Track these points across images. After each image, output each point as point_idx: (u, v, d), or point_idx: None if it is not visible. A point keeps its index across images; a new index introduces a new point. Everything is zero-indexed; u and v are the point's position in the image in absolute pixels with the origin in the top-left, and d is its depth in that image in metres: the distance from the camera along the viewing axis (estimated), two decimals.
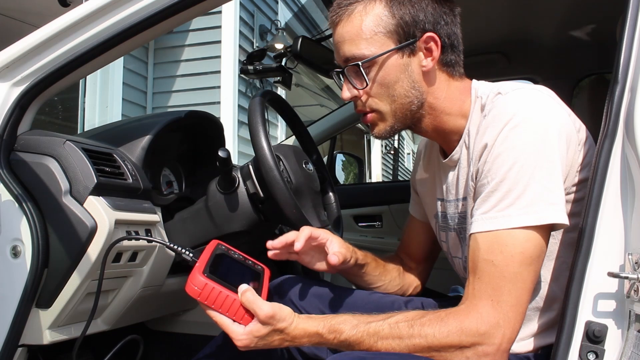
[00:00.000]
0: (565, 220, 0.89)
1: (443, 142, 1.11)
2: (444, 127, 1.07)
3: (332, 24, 1.05)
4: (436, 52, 1.01)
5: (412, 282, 1.31)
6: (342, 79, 1.07)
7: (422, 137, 1.28)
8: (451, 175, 1.09)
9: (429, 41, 1.01)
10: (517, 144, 0.90)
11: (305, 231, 1.06)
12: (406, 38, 1.00)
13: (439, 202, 1.17)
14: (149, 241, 1.19)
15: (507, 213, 0.89)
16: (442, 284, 1.72)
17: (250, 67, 2.31)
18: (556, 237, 0.98)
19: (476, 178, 0.97)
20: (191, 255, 0.98)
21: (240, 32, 4.86)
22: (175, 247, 1.02)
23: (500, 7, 1.90)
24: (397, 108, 1.04)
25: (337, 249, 1.08)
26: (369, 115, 1.06)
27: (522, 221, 0.88)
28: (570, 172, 0.96)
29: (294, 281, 1.22)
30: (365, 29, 1.00)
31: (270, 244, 1.06)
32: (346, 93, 1.06)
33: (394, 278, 1.26)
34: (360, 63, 1.01)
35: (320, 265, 1.14)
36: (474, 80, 1.09)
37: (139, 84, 4.70)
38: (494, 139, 0.93)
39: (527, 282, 0.89)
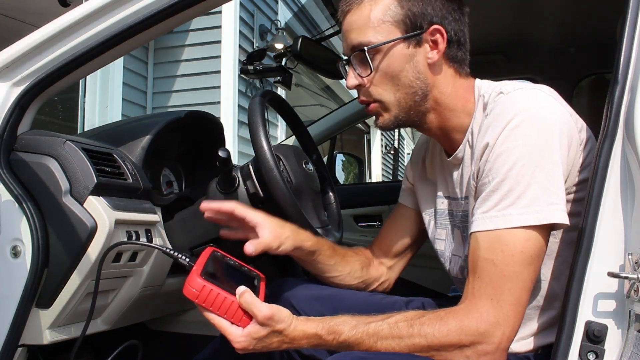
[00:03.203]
0: (565, 220, 0.90)
1: (446, 140, 1.11)
2: (447, 124, 1.07)
3: (342, 13, 1.07)
4: (442, 45, 1.02)
5: (378, 277, 1.27)
6: (347, 69, 1.08)
7: (423, 135, 1.28)
8: (456, 174, 1.10)
9: (435, 33, 1.02)
10: (518, 144, 0.91)
11: (226, 205, 1.09)
12: (413, 29, 1.02)
13: (443, 200, 1.16)
14: (143, 245, 1.19)
15: (508, 212, 0.89)
16: (442, 284, 1.72)
17: (250, 67, 2.31)
18: (556, 236, 0.98)
19: (477, 177, 0.98)
20: (187, 260, 0.98)
21: (240, 32, 4.86)
22: (171, 252, 1.02)
23: (501, 7, 1.90)
24: (401, 97, 1.04)
25: (265, 235, 1.05)
26: (372, 105, 1.07)
27: (522, 221, 0.88)
28: (572, 172, 0.96)
29: (293, 283, 1.22)
30: (373, 18, 1.02)
31: (204, 205, 1.11)
32: (351, 81, 1.06)
33: (354, 271, 1.23)
34: (366, 49, 1.02)
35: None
36: (477, 79, 1.09)
37: (139, 84, 4.70)
38: (495, 138, 0.93)
39: (527, 282, 0.89)
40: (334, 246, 1.21)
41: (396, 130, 8.03)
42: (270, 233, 1.06)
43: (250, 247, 1.02)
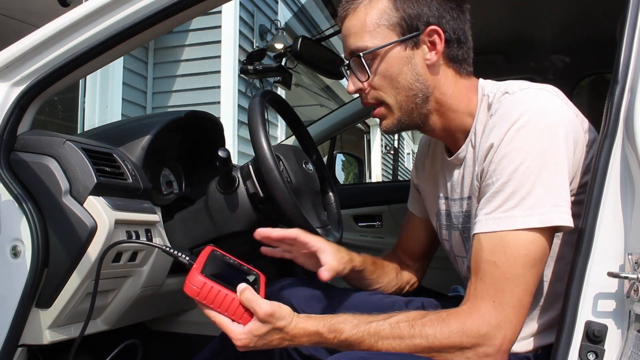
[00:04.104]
0: (570, 222, 0.89)
1: (449, 140, 1.11)
2: (450, 124, 1.07)
3: (340, 19, 1.08)
4: (440, 46, 1.02)
5: (409, 279, 1.31)
6: (348, 73, 1.08)
7: (424, 136, 1.28)
8: (456, 174, 1.09)
9: (433, 34, 1.01)
10: (523, 145, 0.90)
11: (291, 232, 1.09)
12: (409, 31, 1.01)
13: (442, 201, 1.16)
14: (143, 243, 1.19)
15: (512, 214, 0.89)
16: (442, 284, 1.72)
17: (250, 67, 2.31)
18: (559, 238, 0.98)
19: (481, 178, 0.97)
20: (187, 258, 0.98)
21: (240, 32, 4.86)
22: (171, 250, 1.02)
23: (501, 7, 1.90)
24: (402, 100, 1.04)
25: (329, 260, 1.07)
26: (377, 109, 1.07)
27: (526, 223, 0.88)
28: (577, 174, 0.95)
29: (293, 283, 1.22)
30: (369, 22, 1.02)
31: (262, 232, 1.09)
32: (350, 86, 1.07)
33: (392, 279, 1.26)
34: (362, 54, 1.02)
35: (316, 267, 1.13)
36: (480, 79, 1.09)
37: (139, 84, 4.70)
38: (500, 139, 0.93)
39: (530, 284, 0.88)
40: (374, 260, 1.23)
41: None
42: (334, 258, 1.09)
43: (327, 274, 1.05)
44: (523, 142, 0.90)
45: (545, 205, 0.88)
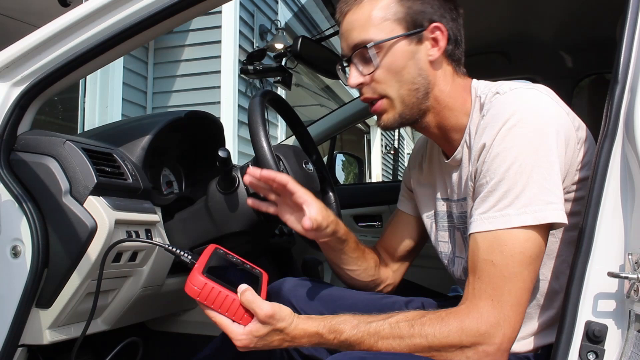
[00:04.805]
0: (564, 219, 0.90)
1: (444, 141, 1.11)
2: (445, 123, 1.07)
3: (341, 14, 1.07)
4: (442, 42, 1.03)
5: (385, 278, 1.29)
6: (346, 72, 1.08)
7: (420, 139, 1.28)
8: (455, 176, 1.10)
9: (435, 31, 1.03)
10: (515, 144, 0.91)
11: (281, 177, 1.05)
12: (414, 27, 1.02)
13: (442, 203, 1.16)
14: (146, 242, 1.19)
15: (506, 213, 0.89)
16: (442, 284, 1.72)
17: (250, 67, 2.30)
18: (556, 236, 0.98)
19: (475, 178, 0.98)
20: (190, 257, 0.98)
21: (240, 32, 4.86)
22: (174, 249, 1.02)
23: (501, 7, 1.90)
24: (405, 94, 1.04)
25: (314, 214, 1.05)
26: (378, 103, 1.06)
27: (520, 221, 0.88)
28: (570, 171, 0.96)
29: (293, 283, 1.22)
30: (374, 16, 1.03)
31: (253, 170, 1.06)
32: (353, 79, 1.06)
33: (369, 267, 1.24)
34: (368, 46, 1.02)
35: (296, 226, 1.11)
36: (473, 80, 1.10)
37: (139, 84, 4.70)
38: (492, 139, 0.93)
39: (527, 282, 0.89)
40: (357, 240, 1.22)
41: (396, 130, 8.04)
42: (319, 213, 1.06)
43: (308, 223, 1.02)
44: (514, 141, 0.91)
45: (539, 203, 0.88)
